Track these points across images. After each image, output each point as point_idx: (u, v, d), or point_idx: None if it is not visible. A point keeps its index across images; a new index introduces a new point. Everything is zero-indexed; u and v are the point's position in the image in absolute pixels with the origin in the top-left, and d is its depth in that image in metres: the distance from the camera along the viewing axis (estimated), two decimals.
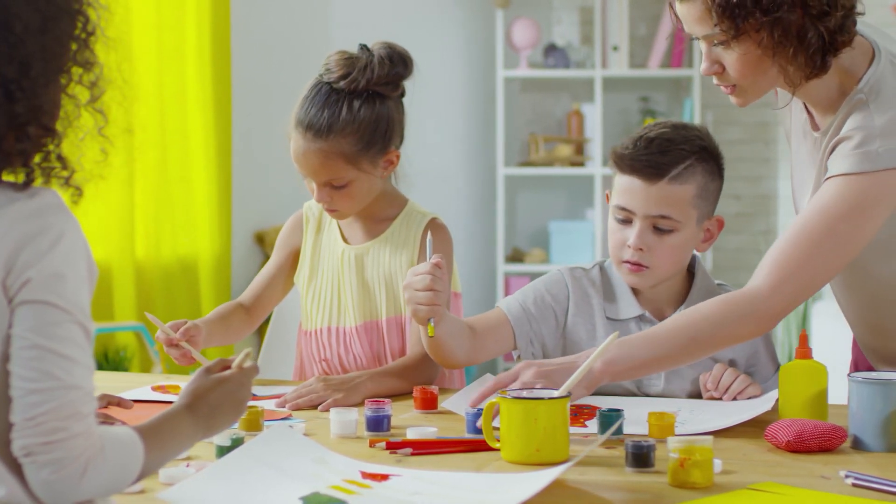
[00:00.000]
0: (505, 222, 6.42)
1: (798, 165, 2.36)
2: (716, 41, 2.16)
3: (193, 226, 5.40)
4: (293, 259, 2.76)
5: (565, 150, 6.38)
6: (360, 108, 2.54)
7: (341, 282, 2.66)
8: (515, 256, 6.46)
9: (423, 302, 2.24)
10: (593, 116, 6.36)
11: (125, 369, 4.91)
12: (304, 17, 6.08)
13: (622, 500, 1.72)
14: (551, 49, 6.40)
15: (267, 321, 3.04)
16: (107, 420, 1.96)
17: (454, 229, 6.88)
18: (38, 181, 1.50)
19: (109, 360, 4.91)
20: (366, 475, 1.78)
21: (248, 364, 1.71)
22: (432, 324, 2.25)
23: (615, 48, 6.31)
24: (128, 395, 2.46)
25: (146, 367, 5.01)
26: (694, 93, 6.26)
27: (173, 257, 5.35)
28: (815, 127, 2.28)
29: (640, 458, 1.84)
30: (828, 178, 2.16)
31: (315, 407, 2.34)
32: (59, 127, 1.50)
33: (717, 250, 6.54)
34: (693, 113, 6.26)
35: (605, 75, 6.30)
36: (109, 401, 2.09)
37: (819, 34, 2.10)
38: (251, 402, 2.24)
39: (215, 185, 5.42)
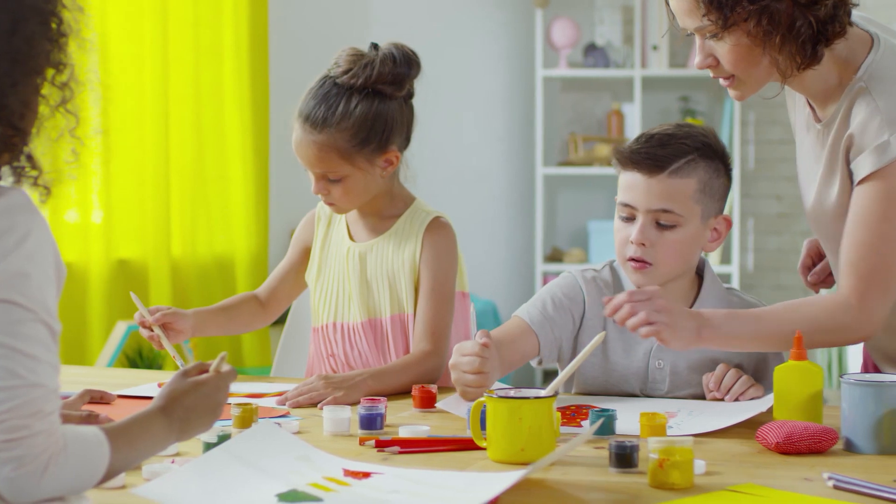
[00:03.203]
0: (544, 222, 6.41)
1: (803, 159, 2.37)
2: (707, 33, 2.17)
3: (230, 223, 5.44)
4: (305, 256, 2.80)
5: (604, 150, 6.36)
6: (358, 104, 2.56)
7: (346, 279, 2.69)
8: (554, 256, 6.46)
9: (472, 385, 2.21)
10: (633, 116, 6.34)
11: (159, 367, 4.96)
12: (343, 15, 6.11)
13: (598, 499, 1.72)
14: (591, 48, 6.39)
15: (284, 320, 3.08)
16: (91, 416, 1.98)
17: (493, 228, 6.94)
18: (8, 180, 1.52)
19: (143, 358, 4.96)
20: (347, 473, 1.79)
21: (224, 368, 1.73)
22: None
23: (655, 47, 6.29)
24: (134, 391, 2.49)
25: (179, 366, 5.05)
26: None
27: (209, 255, 5.39)
28: (818, 120, 2.29)
29: (624, 458, 1.84)
30: (857, 185, 2.18)
31: (315, 405, 2.35)
32: (29, 127, 1.52)
33: (757, 251, 6.51)
34: (734, 112, 6.23)
35: (645, 75, 6.28)
36: (92, 396, 2.11)
37: (809, 23, 2.12)
38: (247, 400, 2.27)
39: (252, 182, 5.46)
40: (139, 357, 4.97)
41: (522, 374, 6.10)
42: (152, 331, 2.58)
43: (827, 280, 2.57)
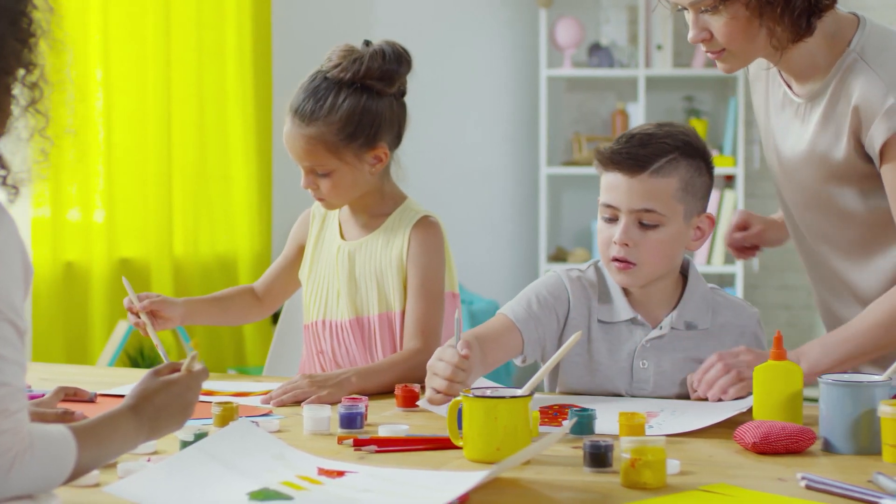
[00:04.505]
0: (548, 222, 6.41)
1: (781, 136, 2.44)
2: (703, 7, 2.21)
3: (232, 223, 5.46)
4: (299, 253, 2.83)
5: None
6: (346, 99, 2.58)
7: (335, 276, 2.70)
8: (559, 256, 6.45)
9: (439, 390, 2.19)
10: (638, 116, 6.33)
11: None
12: (346, 15, 6.11)
13: (569, 498, 1.72)
14: (595, 48, 6.38)
15: (277, 317, 3.10)
16: (66, 414, 1.99)
17: (497, 228, 6.91)
18: None
19: (145, 357, 4.98)
20: (322, 471, 1.79)
21: (196, 367, 1.73)
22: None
23: (659, 47, 6.28)
24: (123, 389, 2.50)
25: None
26: (738, 92, 6.22)
27: (212, 254, 5.40)
28: (797, 96, 2.38)
29: (598, 458, 1.84)
30: (884, 164, 2.25)
31: (299, 403, 2.36)
32: None
33: (763, 251, 6.48)
34: (738, 112, 6.22)
35: (649, 74, 6.27)
36: (66, 393, 2.12)
37: None
38: (227, 399, 2.27)
39: (255, 182, 5.47)
40: (140, 356, 4.98)
41: (525, 375, 6.09)
42: (139, 317, 2.60)
43: (746, 252, 2.68)
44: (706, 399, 2.32)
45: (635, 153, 2.34)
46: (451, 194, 6.21)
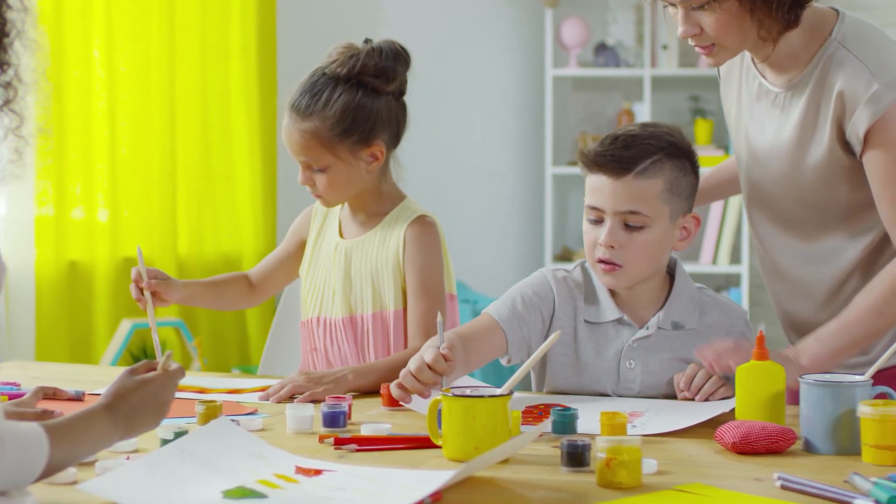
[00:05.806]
0: (554, 221, 6.41)
1: (756, 126, 2.46)
2: (695, 4, 2.24)
3: (237, 222, 5.46)
4: (298, 248, 2.85)
5: None
6: (341, 94, 2.60)
7: (331, 274, 2.72)
8: (564, 255, 6.45)
9: (401, 385, 2.19)
10: (644, 116, 6.32)
11: None
12: (351, 14, 6.12)
13: (542, 498, 1.72)
14: (601, 48, 6.38)
15: (273, 315, 3.11)
16: (45, 413, 2.00)
17: (502, 228, 6.89)
18: None
19: (148, 356, 4.99)
20: (299, 470, 1.80)
21: (172, 366, 1.74)
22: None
23: (665, 47, 6.28)
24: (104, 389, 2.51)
25: (185, 363, 5.07)
26: None
27: (216, 254, 5.41)
28: (773, 85, 2.41)
29: (575, 457, 1.84)
30: (866, 151, 2.28)
31: (293, 398, 2.37)
32: None
33: None
34: None
35: (655, 74, 6.26)
36: (45, 393, 2.13)
37: None
38: (211, 397, 2.28)
39: (260, 181, 5.47)
40: (143, 355, 5.00)
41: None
42: (143, 294, 2.62)
43: None
44: (693, 399, 2.32)
45: (619, 155, 2.34)
46: (455, 194, 6.21)
